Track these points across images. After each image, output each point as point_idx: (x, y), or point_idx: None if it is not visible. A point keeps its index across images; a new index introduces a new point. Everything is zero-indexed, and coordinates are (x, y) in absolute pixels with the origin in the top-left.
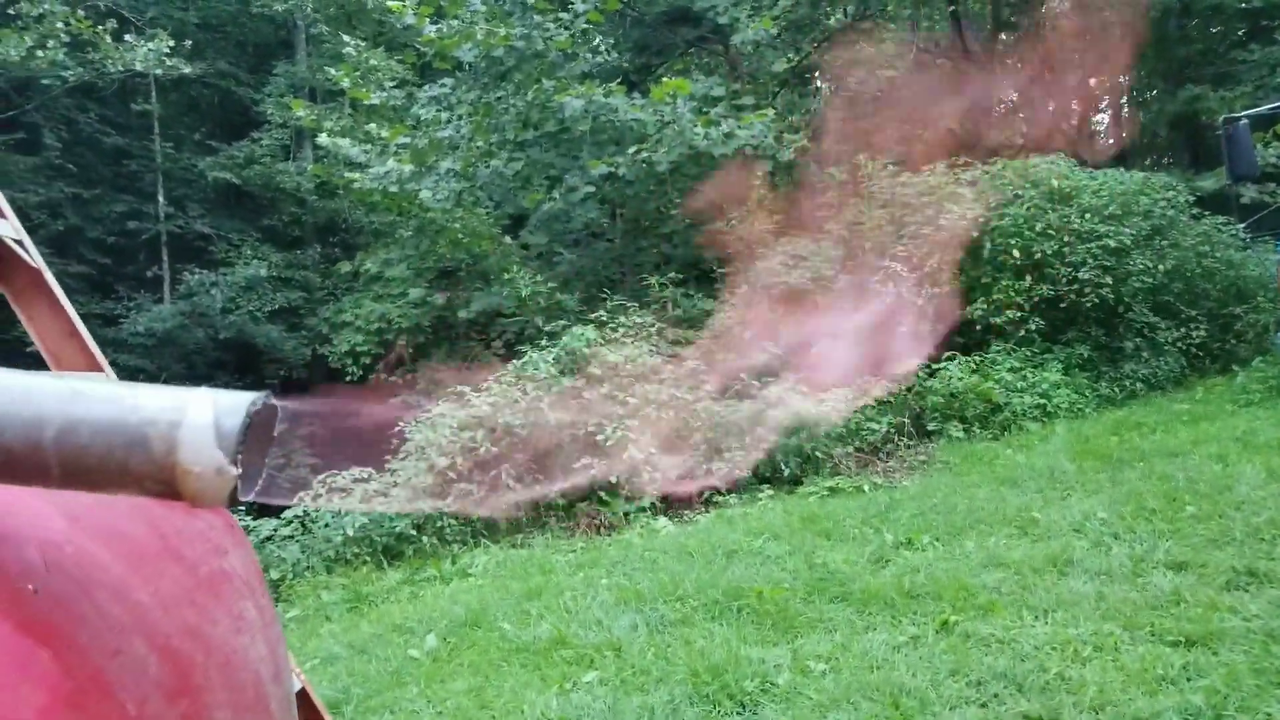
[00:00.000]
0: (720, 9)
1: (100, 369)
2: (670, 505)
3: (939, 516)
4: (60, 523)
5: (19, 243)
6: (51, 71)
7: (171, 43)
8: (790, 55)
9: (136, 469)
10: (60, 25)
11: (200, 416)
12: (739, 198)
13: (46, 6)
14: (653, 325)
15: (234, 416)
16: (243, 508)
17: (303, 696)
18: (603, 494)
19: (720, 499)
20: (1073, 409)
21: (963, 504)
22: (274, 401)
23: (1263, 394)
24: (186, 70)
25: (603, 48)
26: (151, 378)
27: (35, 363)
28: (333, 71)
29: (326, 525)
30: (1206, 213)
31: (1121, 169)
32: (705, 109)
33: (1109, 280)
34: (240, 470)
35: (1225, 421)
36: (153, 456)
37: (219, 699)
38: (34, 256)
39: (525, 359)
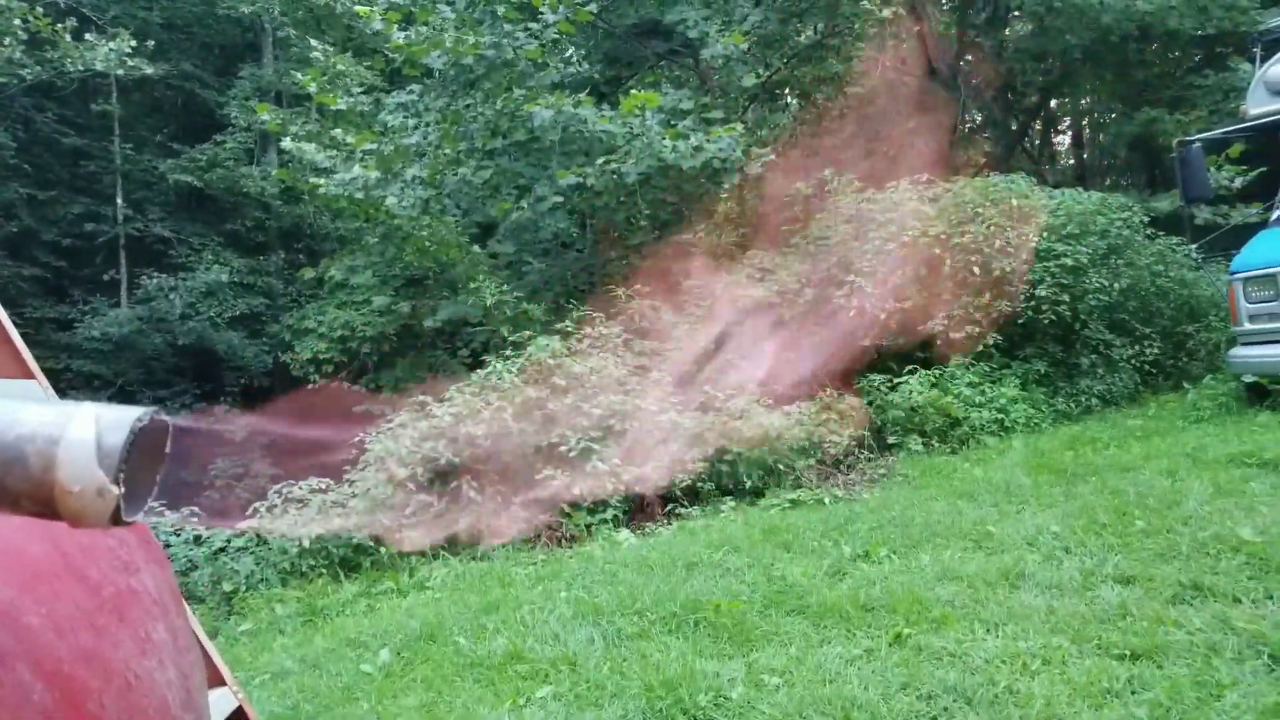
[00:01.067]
0: (691, 23)
1: (32, 376)
2: (633, 517)
3: (896, 529)
4: None
5: None
6: (8, 70)
7: (134, 43)
8: (760, 71)
9: (13, 487)
10: (17, 22)
11: (81, 433)
12: (707, 210)
13: (3, 3)
14: (619, 336)
15: (117, 433)
16: (194, 518)
17: (240, 715)
18: (565, 506)
19: (683, 511)
20: (1030, 424)
21: (920, 517)
22: (164, 418)
23: (1213, 411)
24: (149, 71)
25: (573, 58)
26: (107, 383)
27: None
28: (299, 76)
29: (283, 536)
30: (1161, 233)
31: (1080, 189)
32: (674, 122)
33: (1066, 298)
34: (123, 490)
35: (1176, 437)
36: (30, 474)
37: None
38: None
39: (489, 369)
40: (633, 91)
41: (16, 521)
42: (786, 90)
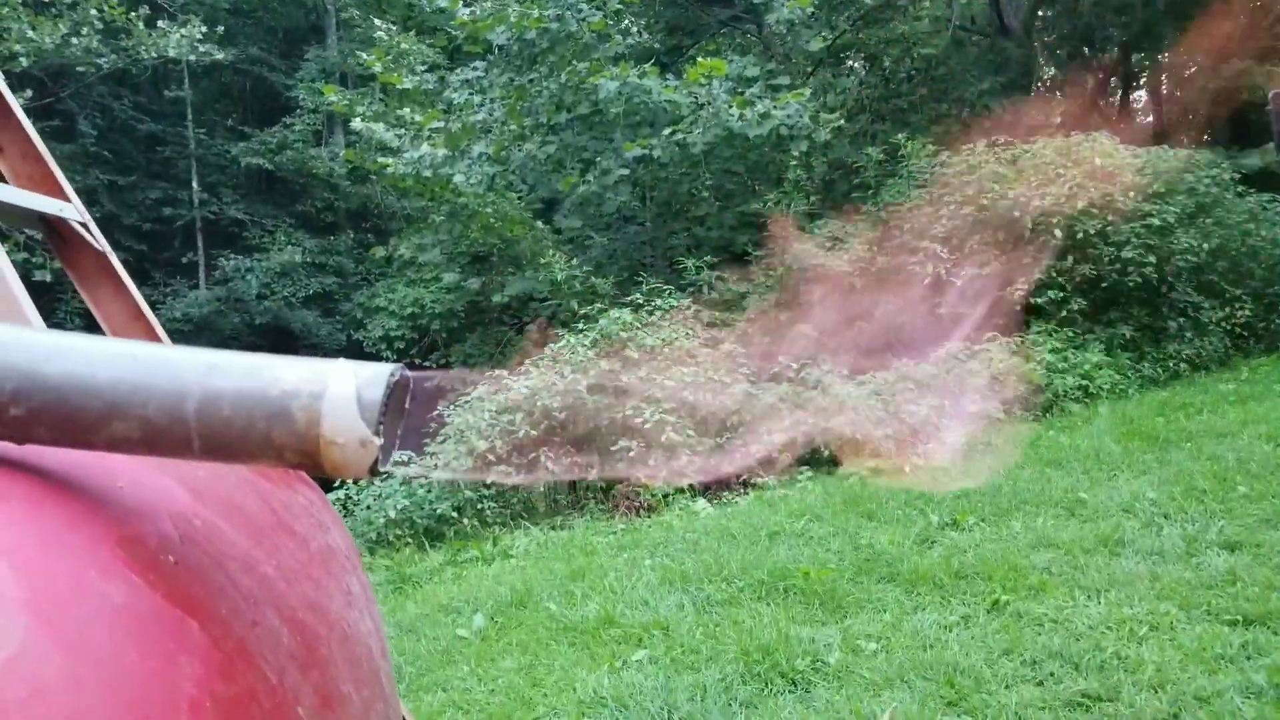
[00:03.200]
0: None
1: None
2: (709, 488)
3: (984, 498)
4: (185, 496)
5: (84, 225)
6: (85, 59)
7: (204, 29)
8: (825, 34)
9: (279, 441)
10: (94, 12)
11: (343, 388)
12: (774, 179)
13: None
14: (689, 308)
15: (375, 388)
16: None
17: None
18: (641, 477)
19: (759, 481)
20: (1115, 390)
21: (1007, 485)
22: (409, 373)
23: None
24: (219, 56)
25: (635, 29)
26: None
27: None
28: (364, 56)
29: (368, 508)
30: (1252, 190)
31: (1164, 146)
32: (740, 89)
33: (1152, 259)
34: (382, 441)
35: (1274, 402)
36: (295, 429)
37: (342, 672)
38: (99, 239)
39: (562, 342)
40: (699, 59)
41: (233, 480)
42: (853, 54)
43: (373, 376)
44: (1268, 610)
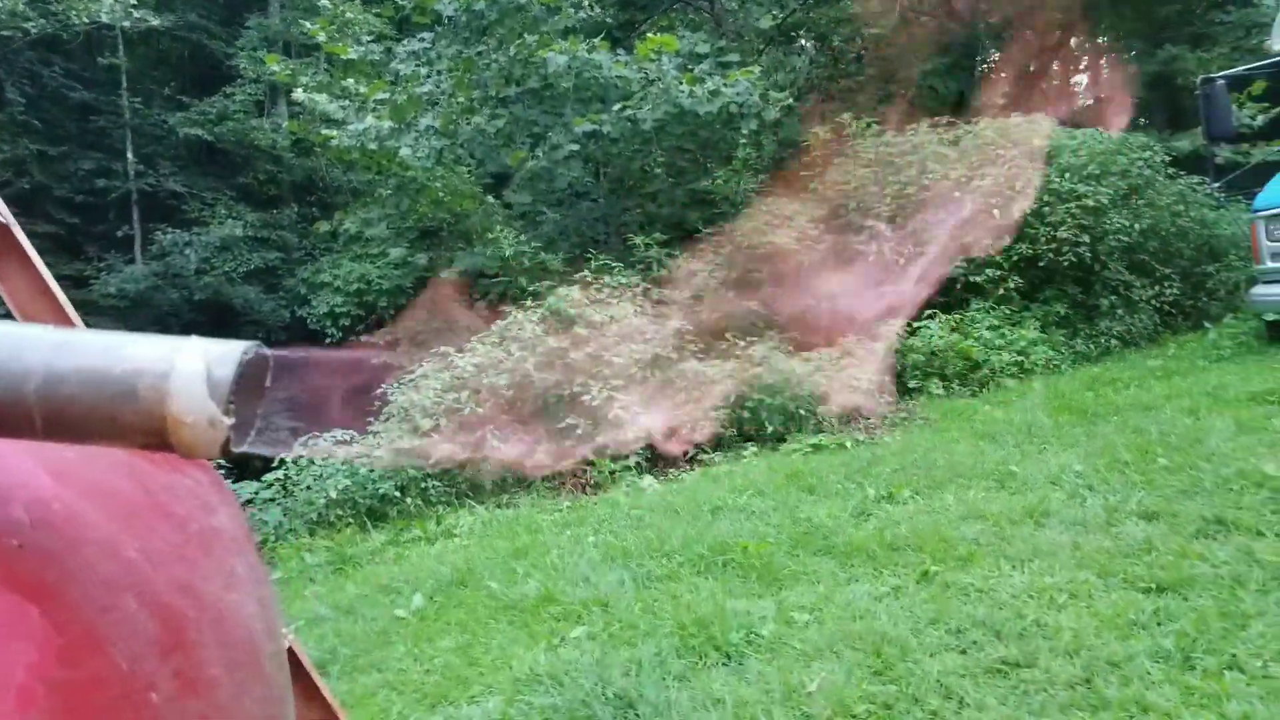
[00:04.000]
0: None
1: (73, 326)
2: (656, 464)
3: (919, 471)
4: (46, 479)
5: None
6: (12, 23)
7: None
8: (776, 12)
9: (125, 421)
10: None
11: (191, 366)
12: (724, 157)
13: None
14: (638, 285)
15: (226, 366)
16: (221, 470)
17: (290, 655)
18: (588, 454)
19: (705, 457)
20: (1050, 366)
21: (942, 459)
22: (265, 351)
23: (1233, 350)
24: (155, 22)
25: (586, 2)
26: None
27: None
28: (308, 25)
29: (308, 488)
30: (1182, 173)
31: (1099, 129)
32: (690, 66)
33: (1086, 239)
34: (233, 420)
35: (1197, 377)
36: (142, 408)
37: (212, 655)
38: (3, 212)
39: (509, 319)
40: (649, 35)
41: (104, 462)
42: (803, 33)
43: (223, 354)
44: (1180, 578)
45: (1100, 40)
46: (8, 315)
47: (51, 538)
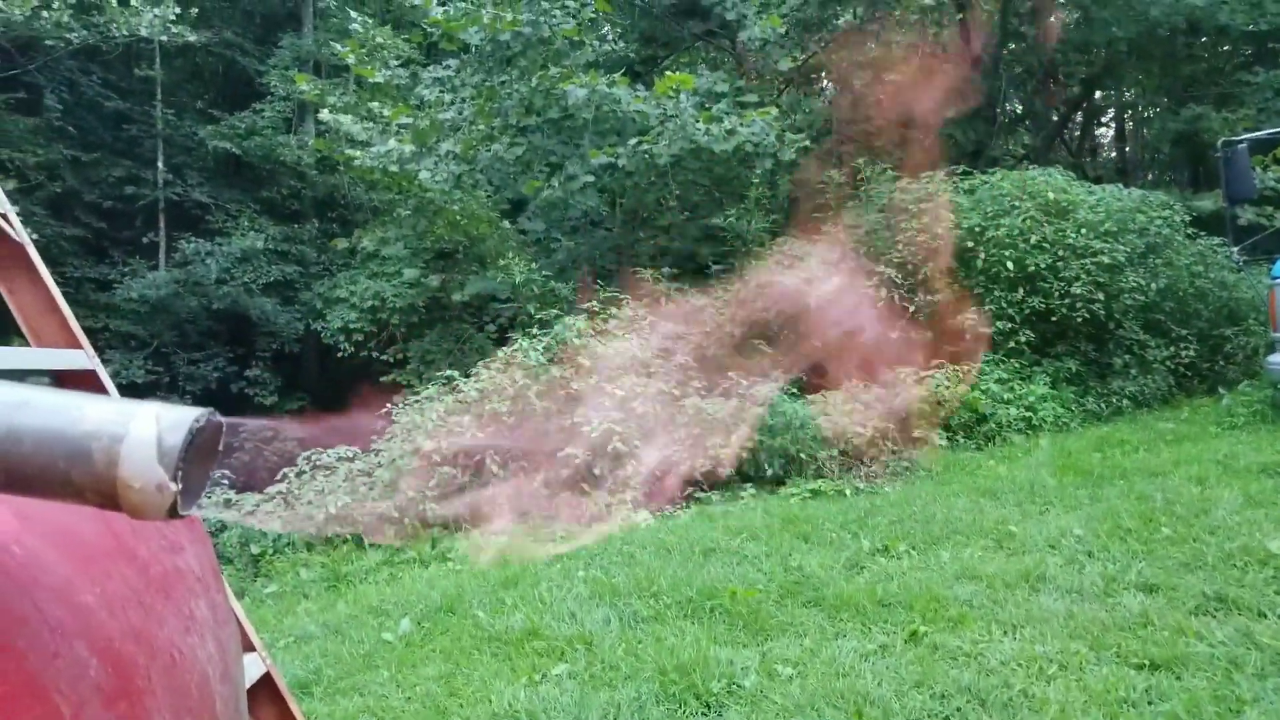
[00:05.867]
0: (729, 4)
1: (79, 345)
2: (652, 499)
3: (917, 525)
4: (11, 522)
5: (3, 216)
6: (56, 33)
7: (178, 10)
8: (797, 54)
9: (78, 480)
10: None
11: (143, 431)
12: (738, 194)
13: None
14: (645, 318)
15: (176, 433)
16: (225, 481)
17: (268, 681)
18: (584, 485)
19: (702, 495)
20: (1058, 423)
21: (941, 513)
22: (219, 419)
23: (1247, 418)
24: (191, 38)
25: (610, 37)
26: (143, 344)
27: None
28: (338, 47)
29: (309, 503)
30: (1202, 233)
31: (1120, 185)
32: (708, 104)
33: (1101, 296)
34: (180, 486)
35: (1208, 443)
36: (94, 469)
37: (160, 702)
38: (18, 231)
39: (515, 346)
40: (667, 73)
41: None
42: (823, 75)
43: (175, 421)
44: (1174, 655)
45: (1125, 95)
46: (18, 331)
47: (5, 583)
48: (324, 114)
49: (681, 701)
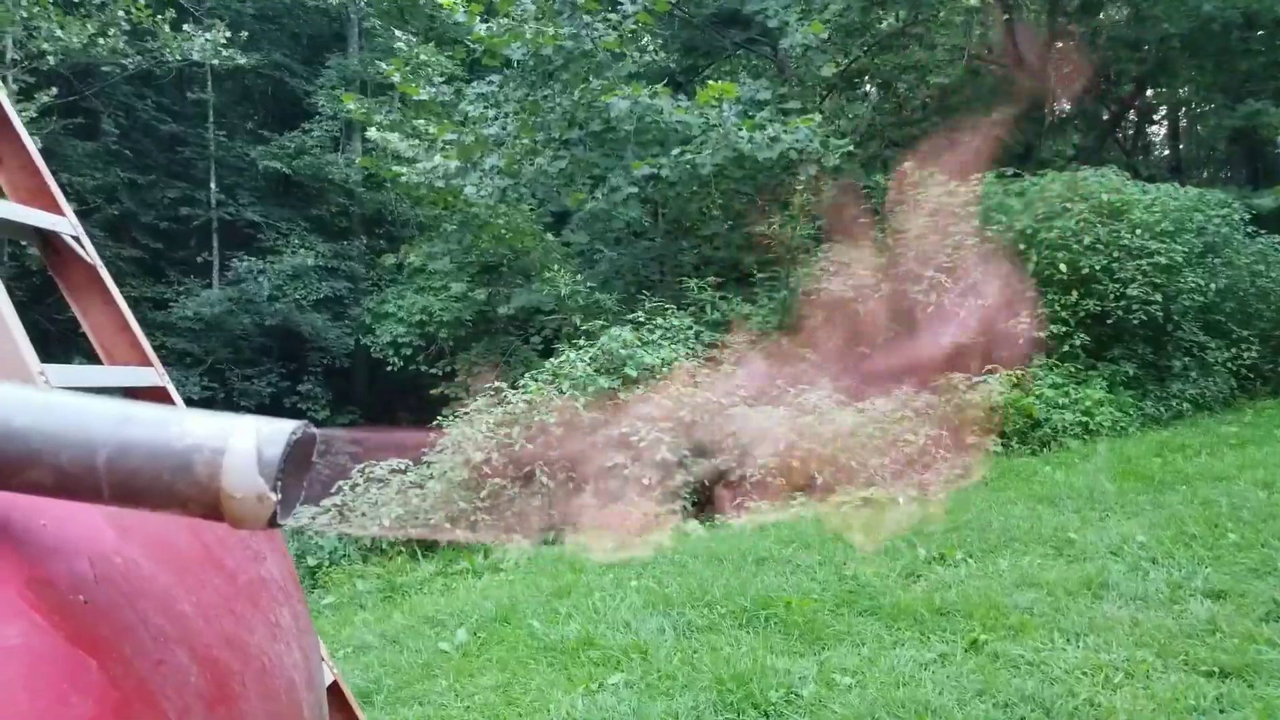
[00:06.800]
0: (770, 12)
1: (149, 363)
2: (702, 509)
3: (973, 532)
4: (110, 534)
5: (76, 239)
6: (112, 59)
7: (228, 34)
8: (839, 59)
9: (182, 492)
10: (121, 14)
11: (243, 444)
12: (782, 202)
13: None
14: (690, 328)
15: (275, 445)
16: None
17: (334, 689)
18: (634, 495)
19: (752, 505)
20: (1116, 428)
21: (998, 520)
22: (313, 431)
23: None
24: (242, 61)
25: (650, 48)
26: (198, 361)
27: (90, 349)
28: (384, 66)
29: (363, 514)
30: (1263, 231)
31: (1175, 184)
32: (751, 112)
33: (1158, 298)
34: (280, 496)
35: (1274, 447)
36: (198, 481)
37: (254, 707)
38: (90, 253)
39: (562, 358)
40: (710, 82)
41: (166, 516)
42: (866, 79)
43: (273, 434)
44: (1245, 663)
45: (1178, 92)
46: (82, 350)
47: (112, 593)
48: (370, 132)
49: (739, 711)
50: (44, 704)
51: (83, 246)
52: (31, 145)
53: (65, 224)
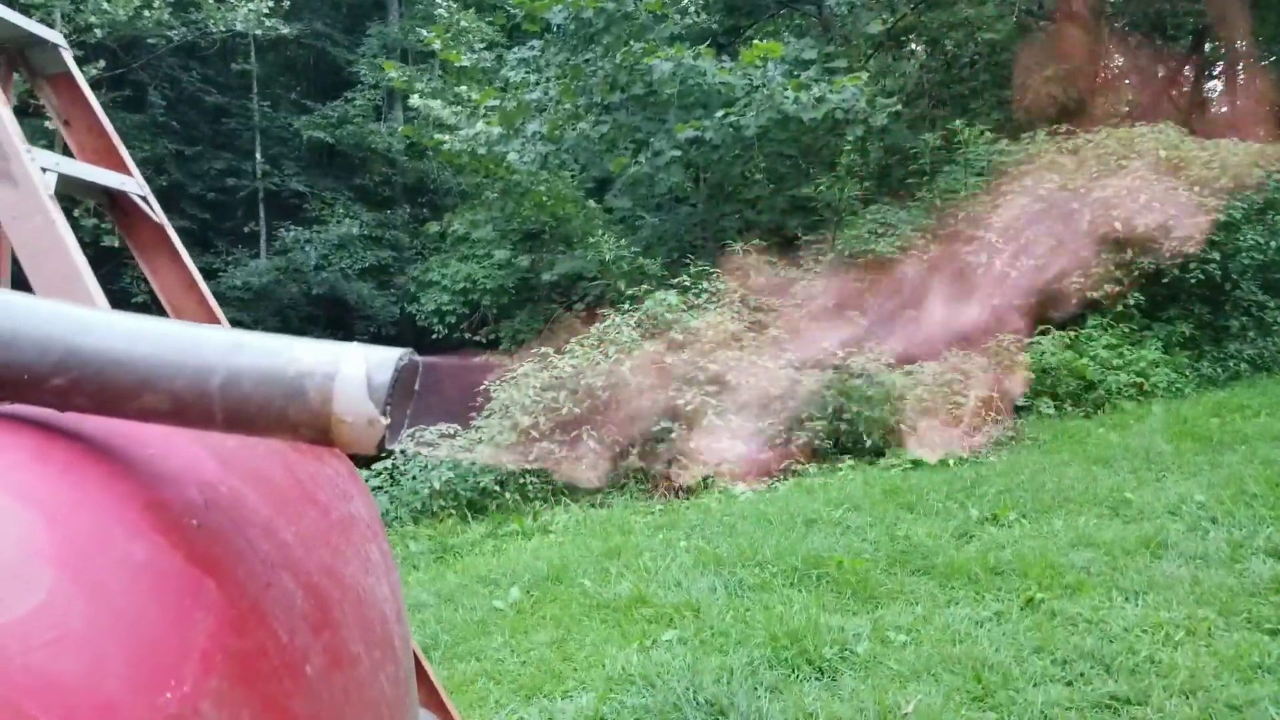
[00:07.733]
0: None
1: (217, 321)
2: (749, 472)
3: (1026, 494)
4: (213, 465)
5: (144, 199)
6: (157, 31)
7: (270, 3)
8: (886, 17)
9: (294, 417)
10: None
11: (354, 370)
12: (828, 163)
13: None
14: (735, 292)
15: (384, 371)
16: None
17: None
18: (681, 458)
19: (800, 468)
20: (1171, 388)
21: (1051, 482)
22: (418, 358)
23: None
24: (284, 30)
25: (692, 9)
26: (248, 330)
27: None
28: (424, 33)
29: (414, 478)
30: None
31: (1234, 139)
32: (796, 72)
33: (1216, 256)
34: (389, 420)
35: None
36: (309, 406)
37: (353, 634)
38: (157, 212)
39: (608, 322)
40: (754, 42)
41: (260, 450)
42: (913, 37)
43: (382, 360)
44: None
45: (1237, 44)
46: (146, 308)
47: (221, 519)
48: (412, 100)
49: (794, 666)
50: (171, 617)
51: (150, 206)
52: (99, 107)
53: (133, 184)
